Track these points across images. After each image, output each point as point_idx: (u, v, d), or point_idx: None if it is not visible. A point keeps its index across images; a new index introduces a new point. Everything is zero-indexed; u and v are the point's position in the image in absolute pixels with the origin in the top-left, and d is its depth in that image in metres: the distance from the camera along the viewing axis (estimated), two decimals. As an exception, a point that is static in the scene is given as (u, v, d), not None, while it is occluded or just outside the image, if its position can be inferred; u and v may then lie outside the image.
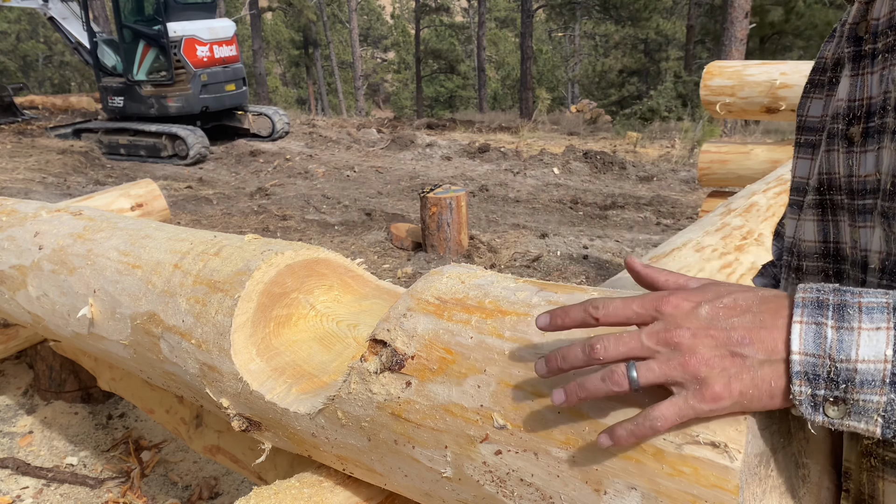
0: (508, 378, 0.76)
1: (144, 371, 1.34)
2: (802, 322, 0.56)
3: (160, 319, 1.20)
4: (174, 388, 1.31)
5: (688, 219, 6.21)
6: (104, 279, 1.36)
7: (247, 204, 6.72)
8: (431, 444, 0.81)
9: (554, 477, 0.71)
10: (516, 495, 0.75)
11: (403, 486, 0.90)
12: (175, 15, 9.05)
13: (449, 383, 0.80)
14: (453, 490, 0.82)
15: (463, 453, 0.79)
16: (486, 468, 0.77)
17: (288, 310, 1.13)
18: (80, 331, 1.44)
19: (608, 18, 23.85)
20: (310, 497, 0.99)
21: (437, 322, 0.85)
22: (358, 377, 0.88)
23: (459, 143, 9.77)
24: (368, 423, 0.88)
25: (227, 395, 1.08)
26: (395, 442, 0.86)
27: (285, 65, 34.97)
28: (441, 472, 0.82)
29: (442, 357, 0.82)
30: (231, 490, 2.26)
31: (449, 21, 29.88)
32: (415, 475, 0.86)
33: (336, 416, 0.92)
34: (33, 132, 10.20)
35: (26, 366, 2.88)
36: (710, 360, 0.58)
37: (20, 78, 27.04)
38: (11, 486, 2.25)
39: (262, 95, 21.60)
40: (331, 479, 1.03)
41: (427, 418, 0.81)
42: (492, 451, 0.76)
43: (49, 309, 1.52)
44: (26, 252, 1.61)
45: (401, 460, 0.86)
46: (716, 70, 3.04)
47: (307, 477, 1.03)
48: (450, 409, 0.79)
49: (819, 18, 14.91)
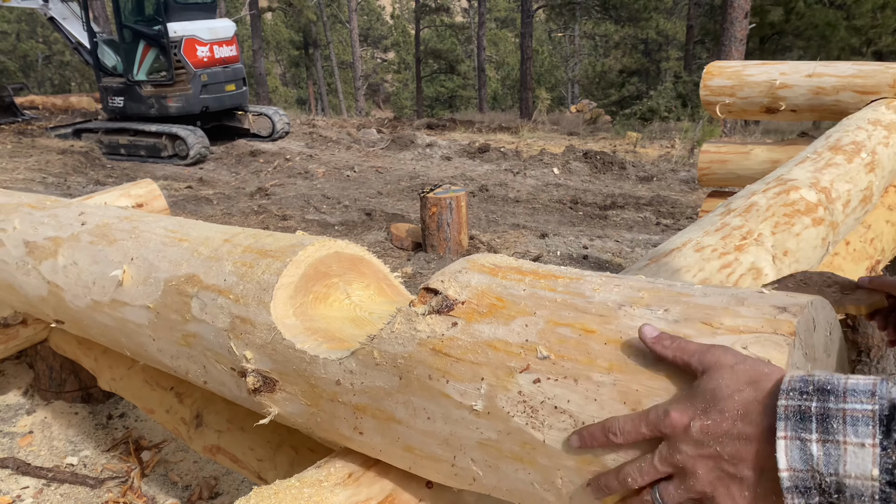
0: (558, 318, 0.80)
1: (157, 340, 1.34)
2: (787, 437, 0.57)
3: (199, 280, 1.23)
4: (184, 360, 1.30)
5: (687, 219, 6.21)
6: (146, 249, 1.39)
7: (247, 204, 6.72)
8: (468, 377, 0.83)
9: (591, 401, 0.74)
10: (546, 424, 0.76)
11: (422, 435, 0.89)
12: (175, 15, 9.04)
13: (496, 323, 0.83)
14: (478, 428, 0.82)
15: (499, 384, 0.80)
16: (521, 398, 0.78)
17: (327, 290, 1.17)
18: (100, 299, 1.45)
19: (608, 18, 23.85)
20: (310, 497, 0.99)
21: (492, 279, 0.89)
22: (404, 318, 0.91)
23: (459, 144, 9.77)
24: (405, 360, 0.89)
25: (254, 347, 1.10)
26: (428, 377, 0.86)
27: (285, 65, 34.97)
28: (472, 405, 0.82)
29: (492, 304, 0.86)
30: (231, 490, 2.26)
31: (449, 21, 29.87)
32: (440, 416, 0.86)
33: (371, 356, 0.93)
34: (33, 132, 10.20)
35: (26, 366, 2.88)
36: (713, 482, 0.63)
37: (20, 78, 27.04)
38: (11, 486, 2.26)
39: (262, 95, 21.61)
40: (331, 479, 1.03)
41: (468, 353, 0.84)
42: (530, 381, 0.78)
43: (72, 278, 1.53)
44: (67, 226, 1.65)
45: (429, 399, 0.87)
46: (715, 70, 3.04)
47: (307, 477, 1.04)
48: (493, 345, 0.82)
49: (819, 18, 14.91)
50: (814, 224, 1.51)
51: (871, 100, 2.62)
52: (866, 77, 2.65)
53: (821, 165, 1.78)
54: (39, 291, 1.67)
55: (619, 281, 0.84)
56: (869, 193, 1.87)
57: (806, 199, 1.56)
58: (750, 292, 0.76)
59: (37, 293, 1.69)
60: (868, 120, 2.25)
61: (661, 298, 0.78)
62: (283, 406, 1.10)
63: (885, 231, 2.28)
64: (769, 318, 0.70)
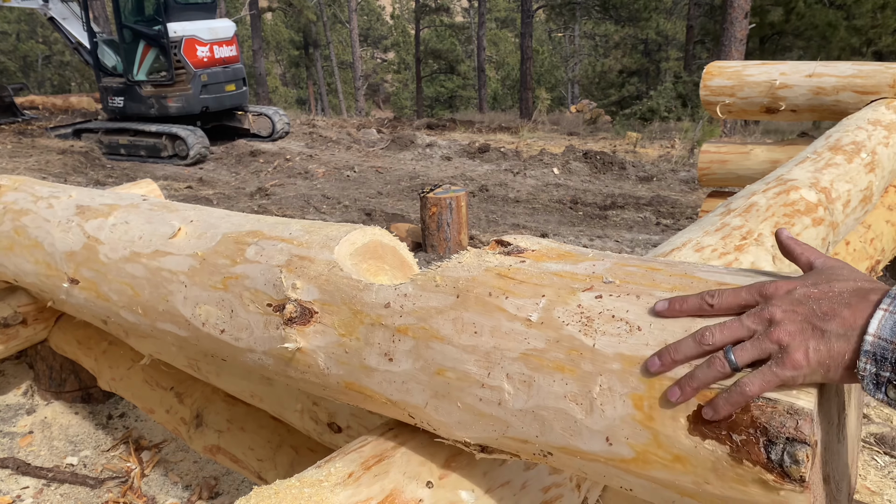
0: (624, 262, 0.84)
1: (188, 286, 1.33)
2: (887, 310, 0.61)
3: (262, 233, 1.25)
4: (206, 307, 1.28)
5: (687, 219, 6.21)
6: (209, 216, 1.42)
7: (247, 204, 6.72)
8: (528, 294, 0.84)
9: (651, 309, 0.75)
10: (599, 331, 0.76)
11: (462, 349, 0.87)
12: (175, 15, 9.05)
13: (564, 262, 0.86)
14: (525, 339, 0.81)
15: (559, 300, 0.81)
16: (579, 310, 0.79)
17: (377, 270, 1.19)
18: (140, 250, 1.45)
19: (608, 19, 23.86)
20: (310, 497, 0.99)
21: (560, 244, 0.95)
22: (473, 254, 0.93)
23: (459, 144, 9.77)
24: (467, 281, 0.89)
25: (306, 278, 1.11)
26: (488, 294, 0.87)
27: (285, 65, 34.97)
28: (527, 317, 0.82)
29: (561, 254, 0.89)
30: (231, 490, 2.26)
31: (449, 21, 29.88)
32: (488, 329, 0.85)
33: (432, 280, 0.93)
34: (33, 132, 10.20)
35: (26, 366, 2.88)
36: (794, 332, 0.65)
37: (20, 78, 27.05)
38: (12, 486, 2.26)
39: (262, 96, 21.61)
40: (331, 479, 1.03)
41: (533, 277, 0.85)
42: (592, 297, 0.79)
43: (118, 234, 1.54)
44: (127, 199, 1.66)
45: (483, 313, 0.86)
46: (715, 70, 3.04)
47: (307, 476, 1.04)
48: (559, 273, 0.84)
49: (819, 19, 14.91)
50: (814, 224, 1.51)
51: (871, 100, 2.62)
52: (866, 77, 2.65)
53: (821, 165, 1.78)
54: (72, 246, 1.65)
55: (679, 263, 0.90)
56: (869, 193, 1.87)
57: (806, 199, 1.56)
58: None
59: (67, 248, 1.67)
60: (868, 120, 2.25)
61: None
62: (310, 339, 1.08)
63: (884, 231, 2.28)
64: None
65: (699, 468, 0.69)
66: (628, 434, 0.72)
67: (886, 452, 2.31)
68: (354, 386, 1.04)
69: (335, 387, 1.09)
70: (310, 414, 1.64)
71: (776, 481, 0.63)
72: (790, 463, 0.62)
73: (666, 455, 0.71)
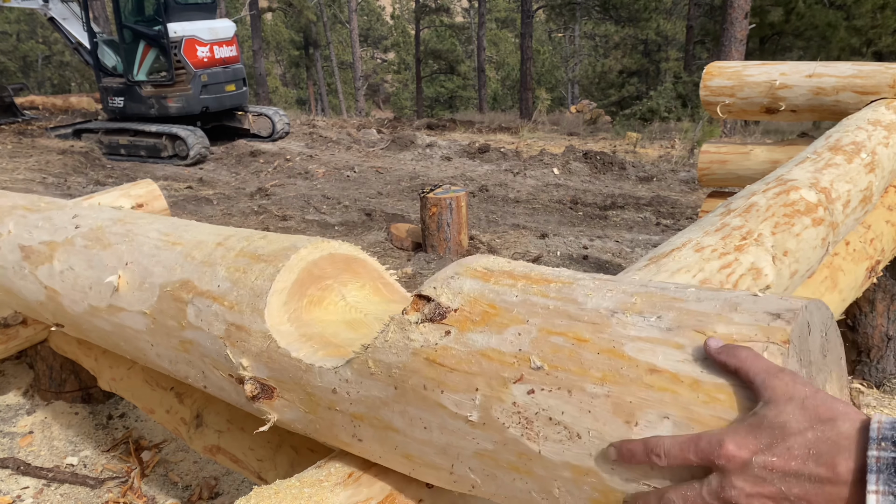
0: (551, 327, 0.79)
1: (155, 346, 1.34)
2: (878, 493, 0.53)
3: (193, 286, 1.23)
4: (182, 366, 1.30)
5: (687, 219, 6.21)
6: (140, 254, 1.39)
7: (247, 204, 6.72)
8: (462, 387, 0.83)
9: (585, 412, 0.74)
10: (542, 436, 0.77)
11: (419, 444, 0.90)
12: (175, 15, 9.05)
13: (489, 332, 0.83)
14: (474, 439, 0.83)
15: (493, 395, 0.80)
16: (515, 409, 0.78)
17: (322, 293, 1.17)
18: (98, 304, 1.45)
19: (608, 19, 23.86)
20: (310, 497, 0.99)
21: (484, 284, 0.89)
22: (397, 326, 0.91)
23: (459, 144, 9.77)
24: (399, 369, 0.89)
25: (249, 355, 1.10)
26: (423, 388, 0.86)
27: (285, 65, 34.97)
28: (467, 416, 0.82)
29: (485, 311, 0.85)
30: (231, 490, 2.26)
31: (449, 21, 29.87)
32: (436, 426, 0.86)
33: (366, 365, 0.93)
34: (33, 132, 10.20)
35: (26, 366, 2.88)
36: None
37: (20, 78, 27.05)
38: (12, 486, 2.26)
39: (263, 96, 21.61)
40: (331, 479, 1.03)
41: (462, 363, 0.83)
42: (524, 391, 0.78)
43: (69, 283, 1.53)
44: (61, 230, 1.64)
45: (425, 409, 0.87)
46: (715, 70, 3.04)
47: (307, 476, 1.04)
48: (487, 354, 0.82)
49: (819, 19, 14.91)
50: (814, 224, 1.51)
51: (871, 100, 2.62)
52: (866, 77, 2.65)
53: (821, 166, 1.78)
54: (37, 296, 1.67)
55: (612, 285, 0.83)
56: (869, 194, 1.87)
57: (806, 199, 1.56)
58: (744, 296, 0.75)
59: (35, 297, 1.69)
60: (868, 120, 2.25)
61: (653, 304, 0.77)
62: (282, 413, 1.10)
63: (884, 231, 2.28)
64: (763, 325, 0.70)
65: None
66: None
67: (886, 453, 2.30)
68: (340, 447, 1.08)
69: (325, 442, 1.12)
70: (310, 414, 1.65)
71: None
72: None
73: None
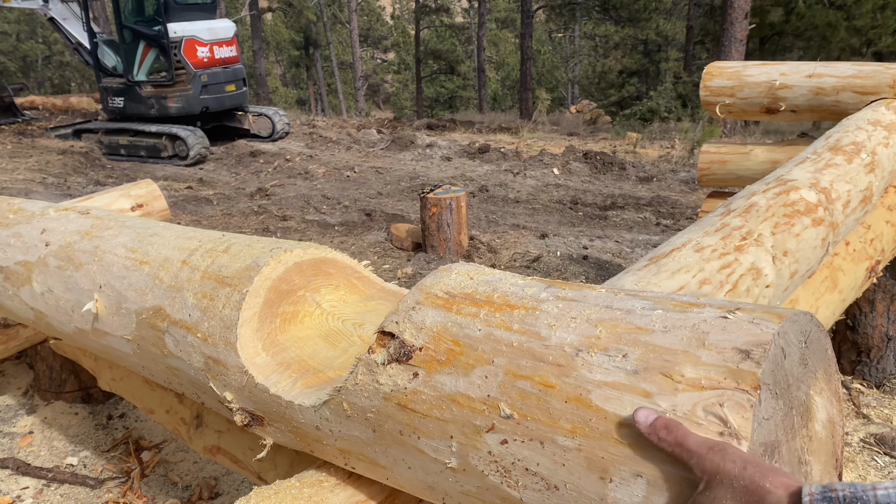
0: (516, 369, 0.78)
1: (147, 368, 1.34)
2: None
3: (166, 314, 1.21)
4: (176, 385, 1.31)
5: (687, 219, 6.21)
6: (111, 275, 1.37)
7: (247, 204, 6.72)
8: (437, 434, 0.82)
9: (559, 466, 0.73)
10: (521, 485, 0.76)
11: (407, 479, 0.91)
12: (175, 15, 9.04)
13: (456, 374, 0.82)
14: (457, 482, 0.83)
15: (469, 443, 0.80)
16: (492, 458, 0.78)
17: (294, 307, 1.14)
18: (83, 327, 1.44)
19: (608, 19, 23.85)
20: (310, 497, 0.99)
21: (446, 315, 0.87)
22: (365, 368, 0.89)
23: (459, 144, 9.77)
24: (374, 413, 0.89)
25: (232, 388, 1.09)
26: (400, 433, 0.86)
27: (285, 65, 34.97)
28: (446, 462, 0.82)
29: (450, 349, 0.84)
30: (231, 490, 2.26)
31: (449, 22, 29.87)
32: (419, 467, 0.87)
33: (342, 407, 0.92)
34: (33, 132, 10.20)
35: (26, 366, 2.88)
36: None
37: (20, 78, 27.05)
38: (11, 487, 2.26)
39: (263, 96, 21.60)
40: (331, 479, 1.03)
41: (434, 409, 0.83)
42: (497, 441, 0.77)
43: (53, 305, 1.53)
44: (32, 248, 1.63)
45: (405, 452, 0.87)
46: (715, 71, 3.04)
47: (307, 477, 1.04)
48: (456, 400, 0.81)
49: (819, 19, 14.91)
50: (814, 224, 1.51)
51: (871, 100, 2.62)
52: (866, 77, 2.65)
53: (821, 166, 1.78)
54: (27, 315, 1.67)
55: (576, 311, 0.80)
56: (869, 194, 1.87)
57: (806, 199, 1.56)
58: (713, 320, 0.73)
59: (26, 316, 1.69)
60: (868, 120, 2.25)
61: (618, 337, 0.75)
62: (276, 437, 1.10)
63: (884, 231, 2.28)
64: (731, 366, 0.67)
65: None
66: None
67: (886, 452, 2.31)
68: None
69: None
70: (310, 414, 1.65)
71: None
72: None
73: None
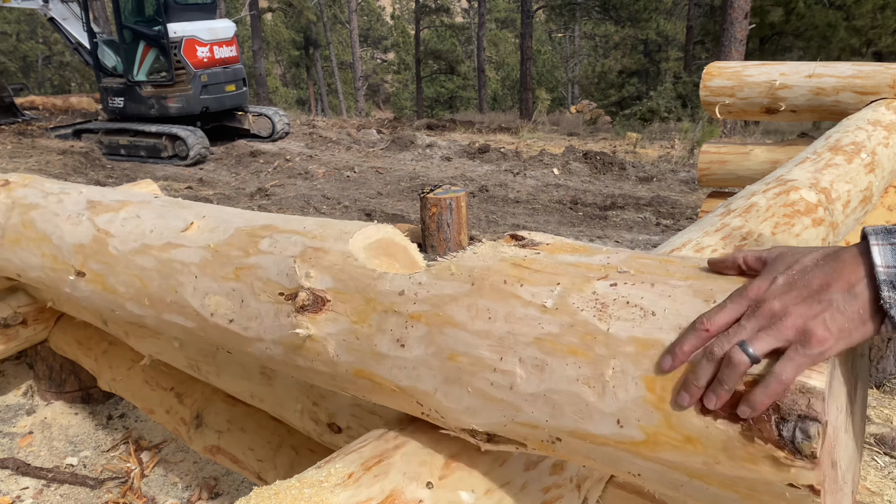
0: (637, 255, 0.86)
1: (199, 277, 1.33)
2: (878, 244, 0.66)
3: (276, 227, 1.27)
4: (215, 297, 1.28)
5: (687, 219, 6.21)
6: (223, 212, 1.43)
7: (247, 204, 6.72)
8: (543, 282, 0.85)
9: (665, 297, 0.76)
10: (614, 316, 0.78)
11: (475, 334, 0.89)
12: (175, 15, 9.05)
13: (579, 255, 0.88)
14: (540, 324, 0.83)
15: (574, 287, 0.83)
16: (594, 297, 0.80)
17: (388, 263, 1.21)
18: (152, 242, 1.47)
19: (608, 19, 23.86)
20: (310, 497, 0.99)
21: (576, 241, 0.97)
22: (490, 246, 0.95)
23: (459, 144, 9.77)
24: (482, 270, 0.91)
25: (319, 267, 1.12)
26: (503, 282, 0.88)
27: (285, 65, 34.98)
28: (542, 303, 0.84)
29: (575, 248, 0.91)
30: (231, 490, 2.26)
31: (449, 22, 29.88)
32: (502, 315, 0.87)
33: (447, 269, 0.95)
34: (33, 133, 10.20)
35: (26, 366, 2.88)
36: (804, 314, 0.67)
37: (20, 78, 27.06)
38: (11, 487, 2.26)
39: (263, 96, 21.61)
40: (331, 479, 1.03)
41: (548, 267, 0.87)
42: (607, 285, 0.81)
43: (129, 227, 1.55)
44: (138, 196, 1.68)
45: (497, 300, 0.88)
46: (715, 71, 3.04)
47: (307, 477, 1.04)
48: (575, 264, 0.86)
49: (819, 19, 14.91)
50: (814, 224, 1.51)
51: (871, 100, 2.62)
52: (866, 78, 2.65)
53: (821, 166, 1.78)
54: (81, 239, 1.65)
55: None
56: (869, 194, 1.87)
57: (806, 199, 1.56)
58: None
59: (76, 240, 1.67)
60: (868, 120, 2.25)
61: None
62: (321, 327, 1.09)
63: (884, 231, 2.28)
64: None
65: (710, 448, 0.70)
66: (639, 416, 0.73)
67: (886, 453, 2.31)
68: (364, 373, 1.05)
69: (343, 375, 1.09)
70: (310, 414, 1.64)
71: (787, 458, 0.65)
72: (802, 439, 0.64)
73: (677, 436, 0.72)
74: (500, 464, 0.99)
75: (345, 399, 1.57)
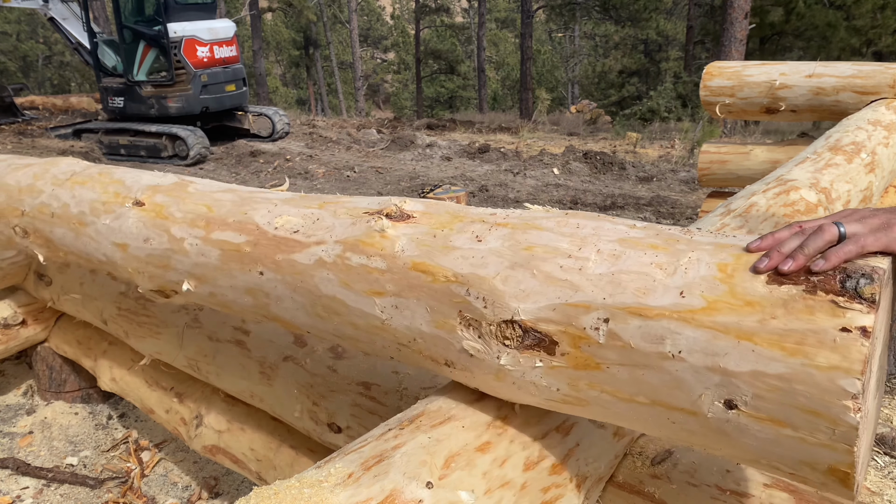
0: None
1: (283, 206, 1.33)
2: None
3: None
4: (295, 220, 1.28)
5: (687, 219, 6.21)
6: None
7: (247, 204, 6.72)
8: None
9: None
10: (695, 229, 0.96)
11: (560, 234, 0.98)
12: (175, 15, 9.04)
13: None
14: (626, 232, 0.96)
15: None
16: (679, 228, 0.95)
17: None
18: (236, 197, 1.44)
19: (608, 19, 23.86)
20: (310, 497, 0.99)
21: None
22: None
23: (459, 144, 9.77)
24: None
25: (413, 200, 1.21)
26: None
27: (285, 65, 34.97)
28: (632, 223, 0.97)
29: None
30: (231, 490, 2.26)
31: (449, 21, 29.87)
32: (591, 226, 0.98)
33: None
34: (34, 132, 10.20)
35: (26, 366, 2.88)
36: (889, 218, 0.78)
37: (20, 78, 27.05)
38: (12, 487, 2.26)
39: (263, 96, 21.60)
40: (331, 479, 1.03)
41: None
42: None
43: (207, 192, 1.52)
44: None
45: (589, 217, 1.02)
46: (715, 71, 3.04)
47: (307, 477, 1.04)
48: None
49: (819, 19, 14.91)
50: (814, 224, 1.51)
51: (871, 100, 2.63)
52: (866, 77, 2.65)
53: (821, 166, 1.78)
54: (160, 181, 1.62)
55: None
56: (869, 194, 1.87)
57: (806, 199, 1.56)
58: None
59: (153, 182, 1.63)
60: (868, 120, 2.25)
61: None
62: (398, 230, 1.14)
63: (884, 231, 2.28)
64: None
65: (768, 307, 0.75)
66: (704, 288, 0.80)
67: (886, 453, 2.31)
68: (421, 266, 1.07)
69: (396, 269, 1.09)
70: (309, 414, 1.64)
71: (847, 301, 0.71)
72: (864, 284, 0.71)
73: (737, 302, 0.78)
74: (500, 464, 0.99)
75: (345, 399, 1.57)
